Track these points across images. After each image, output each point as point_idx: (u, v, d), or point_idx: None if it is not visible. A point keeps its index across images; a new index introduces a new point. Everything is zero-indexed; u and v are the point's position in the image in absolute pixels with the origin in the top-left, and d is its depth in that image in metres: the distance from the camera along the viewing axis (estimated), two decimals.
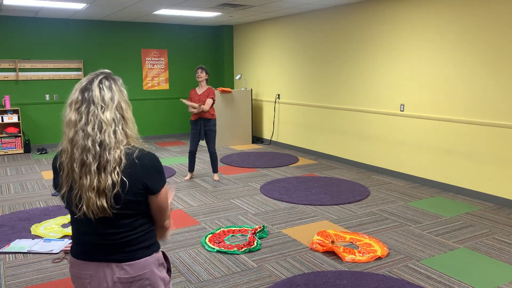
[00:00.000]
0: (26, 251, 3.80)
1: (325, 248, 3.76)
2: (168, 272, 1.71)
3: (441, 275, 3.34)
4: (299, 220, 4.56)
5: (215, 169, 6.15)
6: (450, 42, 5.39)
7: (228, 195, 5.45)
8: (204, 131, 5.91)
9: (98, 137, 1.48)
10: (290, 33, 8.27)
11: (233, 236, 4.14)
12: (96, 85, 1.52)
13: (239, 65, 10.07)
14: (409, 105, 6.00)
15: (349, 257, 3.59)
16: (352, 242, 3.96)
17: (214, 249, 3.81)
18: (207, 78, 5.91)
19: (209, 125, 5.90)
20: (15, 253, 3.79)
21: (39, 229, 4.31)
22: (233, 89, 9.97)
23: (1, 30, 8.07)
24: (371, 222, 4.49)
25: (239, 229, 4.27)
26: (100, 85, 1.53)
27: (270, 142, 9.19)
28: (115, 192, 1.48)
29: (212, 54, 10.31)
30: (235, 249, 3.78)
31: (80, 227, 1.59)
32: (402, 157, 6.20)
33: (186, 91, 10.07)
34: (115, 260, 1.56)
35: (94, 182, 1.47)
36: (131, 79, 9.30)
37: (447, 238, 4.06)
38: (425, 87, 5.76)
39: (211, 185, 5.92)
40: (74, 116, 1.50)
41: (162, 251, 1.70)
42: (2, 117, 8.03)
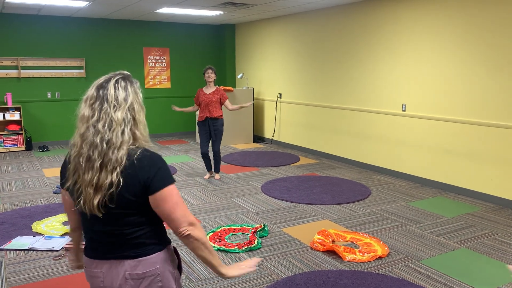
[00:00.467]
0: (27, 248, 3.81)
1: (325, 247, 3.76)
2: (178, 268, 1.70)
3: (441, 275, 3.34)
4: (300, 219, 4.57)
5: (217, 169, 6.18)
6: (451, 42, 5.38)
7: (229, 194, 5.46)
8: (213, 131, 5.96)
9: (107, 135, 1.50)
10: (292, 32, 8.27)
11: (234, 234, 4.14)
12: (112, 84, 1.55)
13: (241, 64, 10.07)
14: (411, 105, 5.99)
15: (349, 257, 3.59)
16: (352, 241, 3.96)
17: (214, 247, 3.81)
18: (215, 78, 6.03)
19: (217, 125, 5.95)
20: (16, 250, 3.80)
21: (40, 226, 4.32)
22: (235, 88, 9.97)
23: (4, 27, 8.08)
24: (371, 221, 4.49)
25: (240, 227, 4.27)
26: (116, 85, 1.55)
27: (271, 141, 9.19)
28: (110, 192, 1.49)
29: (214, 53, 10.31)
30: (235, 247, 3.78)
31: (87, 225, 1.61)
32: (403, 157, 6.20)
33: (187, 89, 10.08)
34: (126, 257, 1.56)
35: (94, 178, 1.49)
36: (132, 77, 9.28)
37: (448, 238, 4.05)
38: (427, 87, 5.76)
39: (212, 184, 5.92)
40: (87, 111, 1.53)
41: (173, 247, 1.69)
42: (4, 115, 8.04)
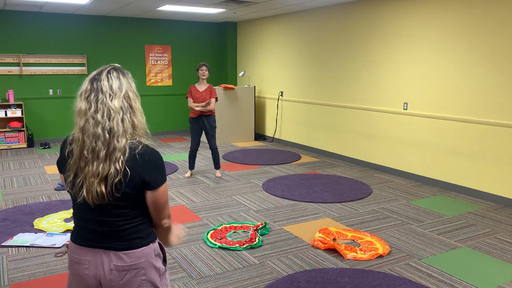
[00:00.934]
0: (28, 244, 3.82)
1: (326, 245, 3.76)
2: (163, 262, 1.74)
3: (442, 273, 3.35)
4: (301, 217, 4.57)
5: (217, 166, 6.17)
6: (452, 41, 5.37)
7: (230, 192, 5.46)
8: (207, 128, 5.97)
9: (107, 124, 1.53)
10: (294, 31, 8.26)
11: (235, 232, 4.15)
12: (104, 75, 1.58)
13: (243, 62, 10.07)
14: (413, 103, 5.99)
15: (350, 255, 3.59)
16: (353, 240, 3.97)
17: (216, 245, 3.82)
18: (208, 75, 6.03)
19: (210, 121, 5.95)
20: (18, 246, 3.81)
21: (41, 223, 4.33)
22: (236, 86, 9.97)
23: (6, 25, 8.08)
24: (373, 220, 4.49)
25: (241, 225, 4.27)
26: (108, 75, 1.59)
27: (272, 139, 9.19)
28: (116, 180, 1.52)
29: (215, 50, 10.31)
30: (236, 245, 3.79)
31: (80, 213, 1.63)
32: (404, 156, 6.20)
33: (189, 87, 10.06)
34: (113, 248, 1.60)
35: (99, 168, 1.51)
36: (134, 75, 9.15)
37: (449, 237, 4.05)
38: (428, 86, 5.75)
39: (213, 182, 5.93)
40: (84, 105, 1.56)
41: (158, 242, 1.73)
42: (5, 112, 8.05)
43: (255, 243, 3.82)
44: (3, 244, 3.84)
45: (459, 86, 5.37)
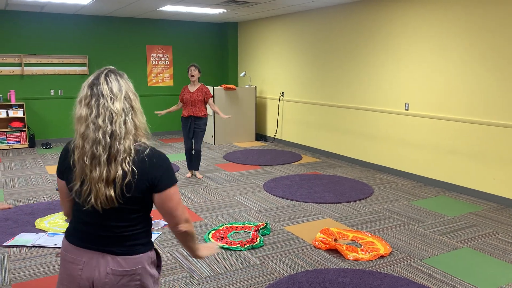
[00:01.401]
0: (30, 244, 3.82)
1: (328, 246, 3.76)
2: (157, 268, 1.75)
3: (443, 274, 3.34)
4: (302, 217, 4.57)
5: (197, 167, 6.16)
6: (453, 42, 5.36)
7: (231, 192, 5.46)
8: (193, 129, 5.95)
9: (109, 128, 1.51)
10: (295, 31, 8.26)
11: (236, 232, 4.15)
12: (103, 79, 1.56)
13: (244, 62, 10.07)
14: (414, 104, 5.98)
15: (351, 255, 3.59)
16: (355, 240, 3.96)
17: (217, 245, 3.82)
18: (199, 76, 6.00)
19: (200, 124, 5.94)
20: (20, 246, 3.82)
21: (43, 223, 4.34)
22: (238, 86, 9.98)
23: (7, 25, 8.09)
24: (374, 220, 4.49)
25: (242, 225, 4.28)
26: (107, 78, 1.57)
27: (273, 139, 9.19)
28: (126, 181, 1.52)
29: (216, 51, 10.31)
30: (238, 245, 3.79)
31: (84, 217, 1.61)
32: (406, 156, 6.19)
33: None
34: (112, 252, 1.59)
35: (103, 173, 1.50)
36: (135, 75, 9.31)
37: (450, 237, 4.05)
38: (430, 86, 5.75)
39: (214, 182, 5.93)
40: (84, 111, 1.54)
41: (155, 249, 1.73)
42: (7, 112, 8.06)
43: (256, 243, 3.82)
44: (5, 244, 3.84)
45: (459, 86, 5.37)
